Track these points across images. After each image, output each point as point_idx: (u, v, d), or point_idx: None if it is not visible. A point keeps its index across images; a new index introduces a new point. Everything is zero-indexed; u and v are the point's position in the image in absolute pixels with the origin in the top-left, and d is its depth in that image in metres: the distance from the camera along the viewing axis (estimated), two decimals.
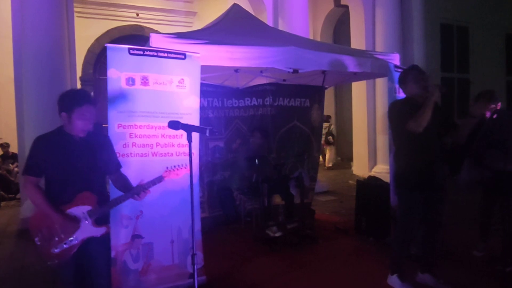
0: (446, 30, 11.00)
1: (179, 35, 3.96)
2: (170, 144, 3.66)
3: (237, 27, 4.87)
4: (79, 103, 2.49)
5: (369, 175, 7.47)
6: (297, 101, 6.25)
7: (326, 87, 6.45)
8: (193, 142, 2.55)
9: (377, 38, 9.14)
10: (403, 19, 9.10)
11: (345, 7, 10.66)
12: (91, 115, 2.54)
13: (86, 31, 10.28)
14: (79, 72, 9.72)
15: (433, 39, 10.37)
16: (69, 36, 6.58)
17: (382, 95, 8.81)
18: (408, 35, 9.17)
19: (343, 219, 5.96)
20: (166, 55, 3.61)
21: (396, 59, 5.03)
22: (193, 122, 3.64)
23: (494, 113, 4.05)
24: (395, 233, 3.72)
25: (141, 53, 3.50)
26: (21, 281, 4.11)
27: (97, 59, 11.10)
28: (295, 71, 4.35)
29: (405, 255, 3.64)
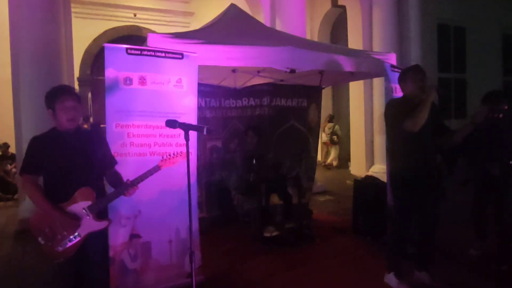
0: (443, 30, 11.05)
1: (177, 35, 3.97)
2: (168, 143, 3.67)
3: (235, 27, 4.88)
4: (59, 96, 2.55)
5: (366, 174, 7.49)
6: (295, 101, 6.27)
7: (323, 87, 6.47)
8: (190, 141, 2.58)
9: (375, 38, 9.15)
10: (400, 20, 9.11)
11: (343, 7, 10.67)
12: (72, 106, 2.56)
13: (83, 32, 10.27)
14: (76, 72, 9.72)
15: (430, 39, 10.40)
16: (66, 36, 6.58)
17: (379, 95, 8.82)
18: (405, 36, 9.17)
19: (341, 219, 5.97)
20: (163, 55, 3.62)
21: (392, 59, 5.05)
22: (191, 121, 3.65)
23: (500, 113, 3.93)
24: (391, 232, 3.74)
25: (139, 52, 3.51)
26: (20, 281, 4.11)
27: (95, 60, 11.09)
28: (292, 71, 4.35)
29: (401, 253, 3.66)
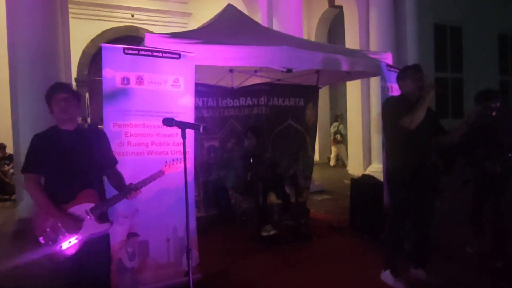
0: (439, 30, 11.10)
1: (174, 35, 3.99)
2: (165, 142, 3.69)
3: (231, 27, 4.89)
4: (53, 92, 2.57)
5: (363, 173, 7.51)
6: (292, 100, 6.29)
7: (320, 87, 6.50)
8: (187, 140, 2.59)
9: (371, 38, 9.19)
10: (396, 20, 9.15)
11: (339, 7, 10.71)
12: (63, 98, 2.55)
13: (81, 32, 10.27)
14: (74, 73, 9.71)
15: (427, 39, 10.44)
16: (64, 37, 6.58)
17: (376, 95, 8.85)
18: (402, 35, 9.21)
19: (338, 218, 5.97)
20: (160, 54, 3.64)
21: (388, 59, 5.07)
22: (188, 121, 3.66)
23: (493, 111, 3.95)
24: (387, 229, 3.76)
25: (136, 52, 3.53)
26: (18, 281, 4.11)
27: (92, 60, 11.09)
28: (289, 70, 4.38)
29: (397, 251, 3.68)
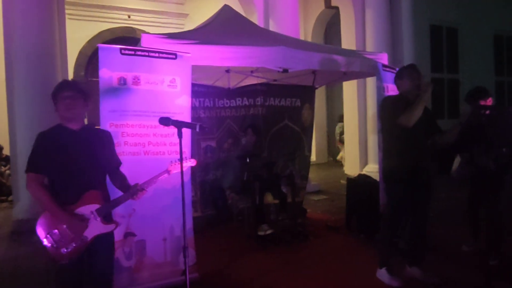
0: (435, 31, 11.15)
1: (170, 35, 4.01)
2: (162, 143, 3.71)
3: (228, 28, 4.92)
4: (59, 90, 2.51)
5: (359, 173, 7.54)
6: (288, 101, 6.31)
7: (316, 87, 6.52)
8: (184, 139, 2.61)
9: (368, 39, 9.22)
10: (392, 20, 9.18)
11: (336, 8, 10.74)
12: (68, 95, 2.49)
13: (77, 33, 10.26)
14: (70, 74, 9.69)
15: (422, 40, 10.49)
16: (61, 38, 6.59)
17: (372, 95, 8.86)
18: (398, 36, 9.24)
19: (335, 218, 6.00)
20: (157, 55, 3.66)
21: (384, 59, 5.11)
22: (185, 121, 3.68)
23: (486, 109, 3.97)
24: (383, 227, 3.79)
25: (133, 53, 3.55)
26: (15, 282, 4.11)
27: (89, 61, 11.07)
28: (285, 71, 4.40)
29: (393, 249, 3.71)
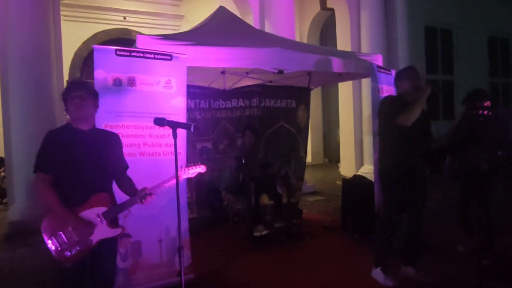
0: (430, 32, 11.21)
1: (165, 37, 4.02)
2: (157, 143, 3.71)
3: (223, 29, 4.93)
4: (69, 89, 2.48)
5: (354, 174, 7.56)
6: (283, 102, 6.33)
7: (312, 88, 6.55)
8: (179, 140, 2.61)
9: (363, 40, 9.26)
10: (387, 22, 9.22)
11: (331, 10, 10.78)
12: (78, 95, 2.45)
13: (73, 35, 10.22)
14: (66, 75, 9.64)
15: (417, 41, 10.54)
16: (56, 39, 6.56)
17: (368, 97, 8.82)
18: (392, 38, 9.28)
19: (330, 218, 6.03)
20: (152, 56, 3.66)
21: (379, 60, 5.14)
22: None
23: (484, 110, 3.98)
24: (380, 227, 3.81)
25: (128, 54, 3.55)
26: (10, 284, 4.10)
27: (84, 63, 11.04)
28: (280, 72, 4.41)
29: (388, 249, 3.72)
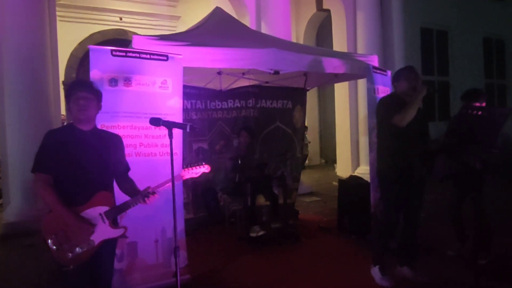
0: (426, 34, 11.28)
1: (162, 37, 4.02)
2: (153, 144, 3.70)
3: (219, 30, 4.93)
4: (73, 89, 2.45)
5: (350, 174, 7.57)
6: (279, 102, 6.33)
7: (308, 89, 6.56)
8: (175, 140, 2.60)
9: (359, 41, 9.29)
10: (383, 23, 9.26)
11: (327, 11, 10.81)
12: (82, 96, 2.40)
13: (69, 35, 10.21)
14: (61, 76, 9.63)
15: (413, 42, 10.61)
16: (52, 40, 6.55)
17: (364, 97, 8.85)
18: (388, 39, 9.32)
19: (327, 219, 6.04)
20: (148, 56, 3.65)
21: (374, 61, 5.15)
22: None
23: (478, 110, 3.98)
24: (377, 227, 3.81)
25: (124, 54, 3.54)
26: (6, 285, 4.07)
27: (80, 63, 11.01)
28: (276, 72, 4.43)
29: (384, 249, 3.73)
